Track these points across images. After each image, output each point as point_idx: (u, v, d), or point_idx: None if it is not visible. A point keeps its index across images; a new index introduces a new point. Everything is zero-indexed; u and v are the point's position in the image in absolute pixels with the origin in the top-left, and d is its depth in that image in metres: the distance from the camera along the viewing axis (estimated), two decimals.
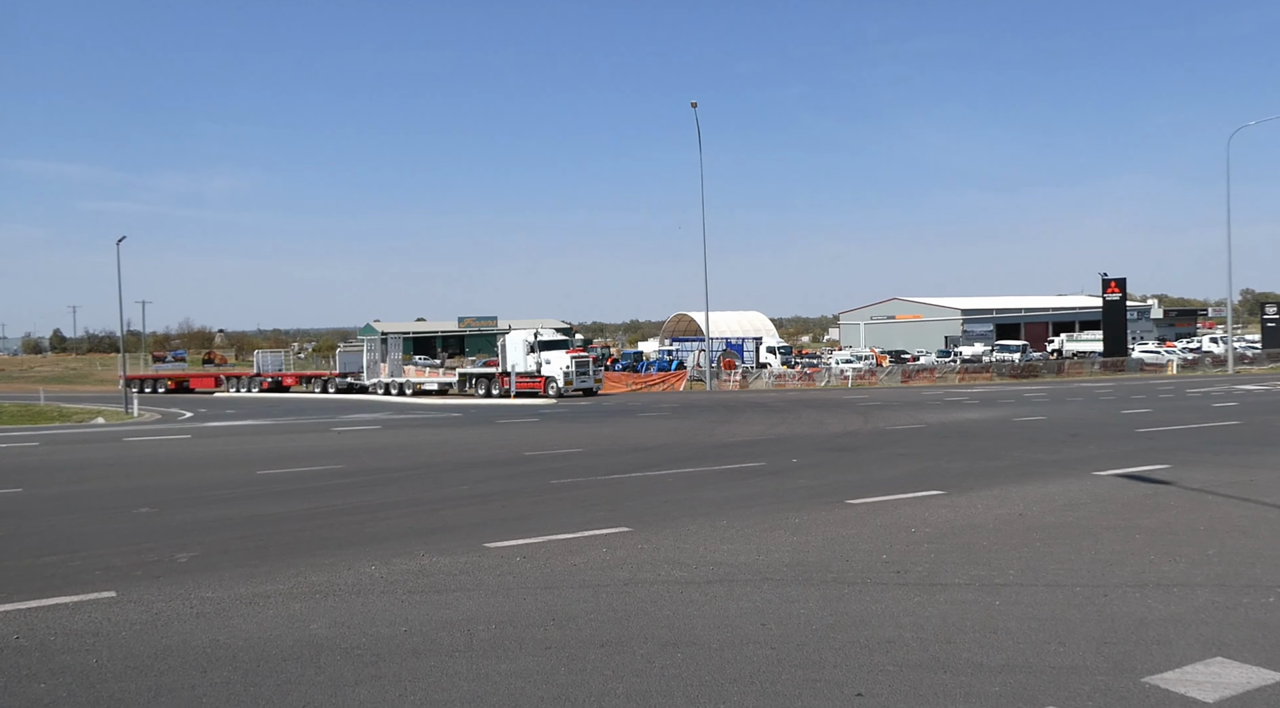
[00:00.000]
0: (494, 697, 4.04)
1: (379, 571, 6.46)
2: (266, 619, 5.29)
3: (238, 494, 10.75)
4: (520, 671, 4.37)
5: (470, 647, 4.73)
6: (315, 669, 4.43)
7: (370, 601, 5.67)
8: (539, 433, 19.65)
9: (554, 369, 38.23)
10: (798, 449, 14.46)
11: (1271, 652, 4.37)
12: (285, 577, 6.31)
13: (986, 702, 3.86)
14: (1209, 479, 9.94)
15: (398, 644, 4.79)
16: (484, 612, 5.37)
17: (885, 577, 6.01)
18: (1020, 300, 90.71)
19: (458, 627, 5.09)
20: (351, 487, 11.21)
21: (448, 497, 10.17)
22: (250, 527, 8.44)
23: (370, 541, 7.61)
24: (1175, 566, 6.14)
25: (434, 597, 5.74)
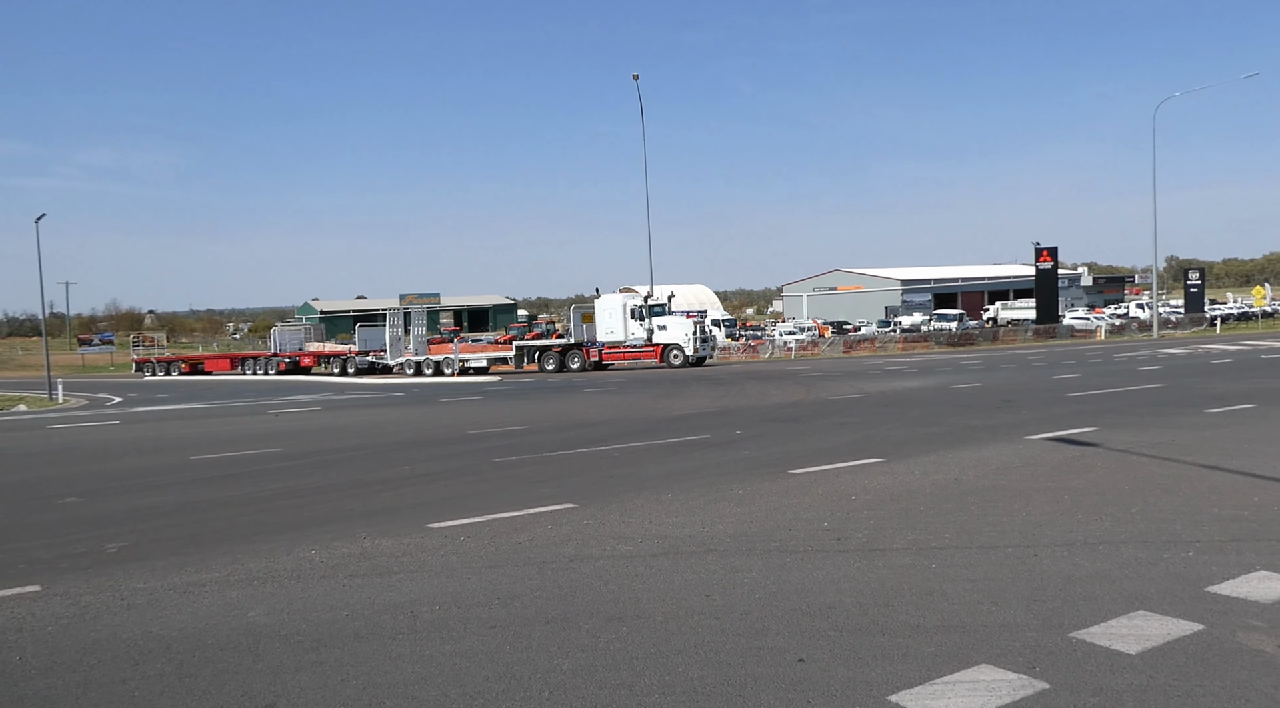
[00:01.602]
0: (438, 678, 4.01)
1: (319, 555, 6.36)
2: (202, 608, 5.17)
3: (170, 481, 10.46)
4: (465, 651, 4.35)
5: (414, 629, 4.69)
6: (254, 658, 4.34)
7: (310, 586, 5.58)
8: (483, 411, 19.50)
9: (674, 336, 35.04)
10: (742, 421, 14.60)
11: (1190, 604, 4.56)
12: (221, 564, 6.17)
13: (923, 662, 3.96)
14: (1133, 440, 10.31)
15: (339, 629, 4.73)
16: (428, 593, 5.32)
17: (827, 544, 6.11)
18: (957, 270, 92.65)
19: (401, 609, 5.04)
20: (290, 470, 11.00)
21: (390, 478, 10.04)
22: (183, 514, 8.23)
23: (310, 524, 7.48)
24: (1101, 524, 6.36)
25: (376, 580, 5.67)
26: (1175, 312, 60.99)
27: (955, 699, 3.56)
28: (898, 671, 3.88)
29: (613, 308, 35.99)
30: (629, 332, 35.39)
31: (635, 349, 35.45)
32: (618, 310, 35.76)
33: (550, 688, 3.87)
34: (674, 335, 35.35)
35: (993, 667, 3.87)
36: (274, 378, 42.88)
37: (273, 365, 46.65)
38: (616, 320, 35.52)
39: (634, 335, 35.63)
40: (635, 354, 35.46)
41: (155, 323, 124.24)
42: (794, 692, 3.72)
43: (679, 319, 36.71)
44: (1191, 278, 63.18)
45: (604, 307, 36.33)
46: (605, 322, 35.89)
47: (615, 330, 35.42)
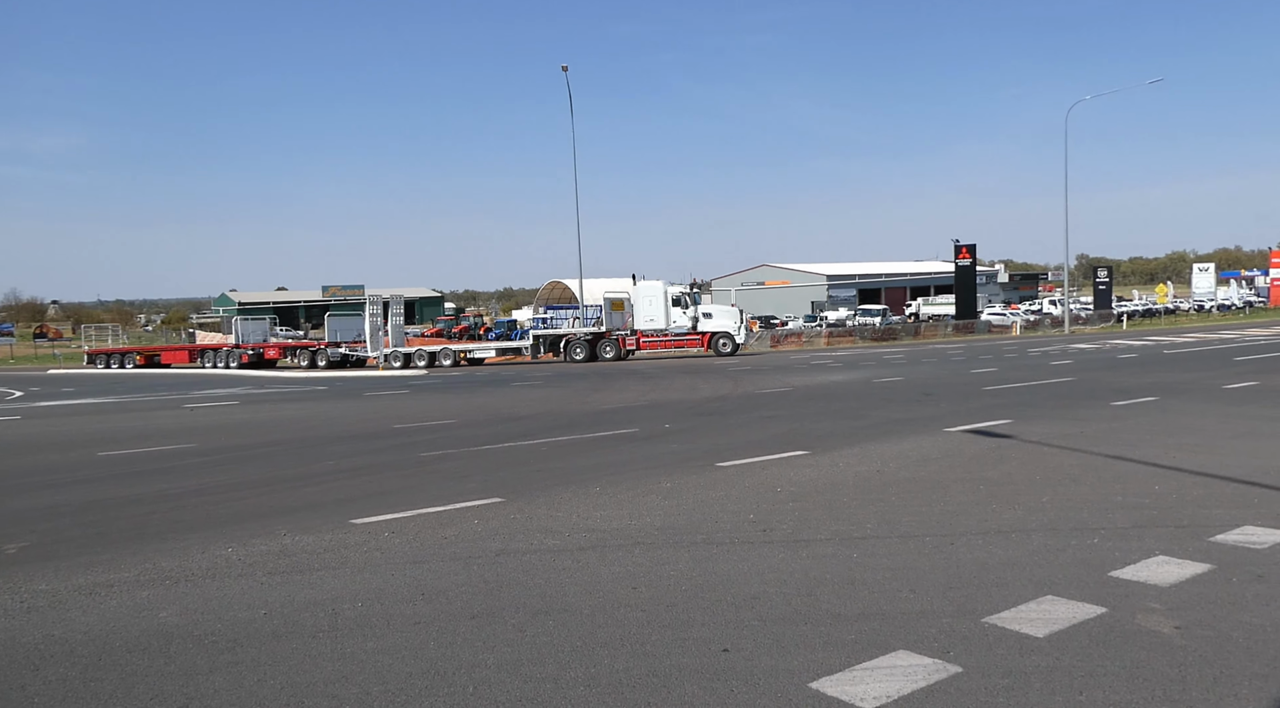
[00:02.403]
0: (360, 676, 3.94)
1: (236, 553, 6.17)
2: (109, 610, 4.97)
3: (76, 478, 10.02)
4: (387, 648, 4.27)
5: (335, 627, 4.59)
6: (165, 659, 4.19)
7: (226, 584, 5.41)
8: (409, 405, 19.19)
9: (722, 324, 34.10)
10: (670, 415, 14.69)
11: (1095, 588, 4.77)
12: (131, 564, 5.94)
13: (843, 649, 4.05)
14: (1045, 432, 10.72)
15: (256, 628, 4.60)
16: (350, 590, 5.22)
17: (752, 536, 6.19)
18: (881, 266, 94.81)
19: (321, 607, 4.92)
20: (206, 466, 10.64)
21: (311, 473, 9.80)
22: (90, 513, 7.89)
23: (226, 522, 7.25)
24: (1014, 513, 6.59)
25: (296, 577, 5.53)
26: (1085, 308, 63.57)
27: (873, 685, 3.65)
28: (819, 658, 3.96)
29: (653, 295, 35.06)
30: (670, 319, 34.57)
31: (678, 338, 34.77)
32: (659, 298, 34.86)
33: (475, 683, 3.83)
34: (721, 324, 34.86)
35: (909, 652, 3.98)
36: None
37: (235, 358, 43.43)
38: (657, 308, 34.65)
39: (676, 324, 34.86)
40: (678, 343, 34.83)
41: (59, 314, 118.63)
42: (718, 682, 3.76)
43: (724, 308, 35.81)
44: (1100, 276, 65.87)
45: (644, 294, 35.31)
46: (645, 309, 34.90)
47: (656, 318, 34.58)
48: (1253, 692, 3.51)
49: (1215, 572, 4.99)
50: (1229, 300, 78.46)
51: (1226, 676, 3.66)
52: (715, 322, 35.16)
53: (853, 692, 3.60)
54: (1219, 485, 7.32)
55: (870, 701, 3.52)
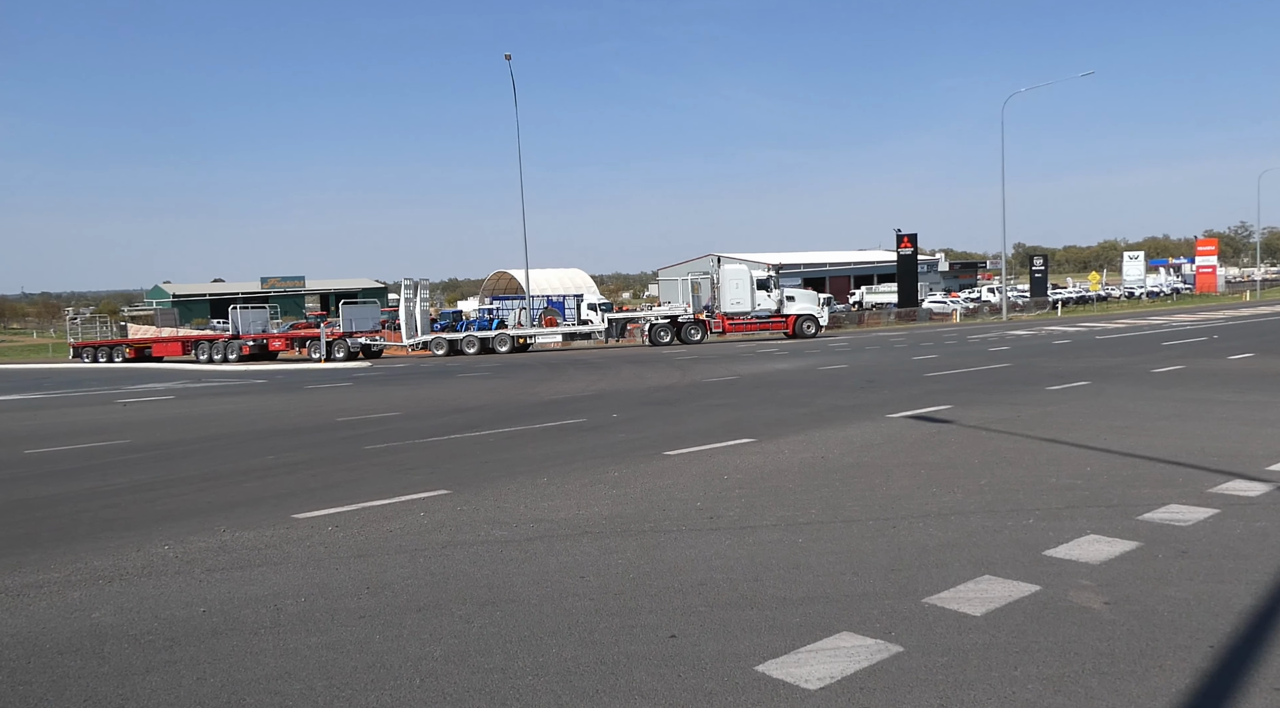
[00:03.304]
0: (303, 672, 3.88)
1: (173, 550, 6.02)
2: (39, 611, 4.81)
3: (1, 476, 9.66)
4: (332, 643, 4.22)
5: (277, 623, 4.52)
6: (99, 661, 4.08)
7: (164, 583, 5.28)
8: (352, 397, 18.89)
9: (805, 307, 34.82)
10: (618, 404, 14.71)
11: (1029, 567, 4.92)
12: (62, 564, 5.75)
13: (789, 632, 4.11)
14: (984, 417, 10.99)
15: (195, 626, 4.50)
16: (293, 585, 5.13)
17: (699, 523, 6.24)
18: (826, 256, 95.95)
19: (263, 603, 4.84)
20: (141, 462, 10.35)
21: (252, 468, 9.59)
22: (18, 512, 7.62)
23: (163, 519, 7.07)
24: (953, 496, 6.76)
25: (236, 574, 5.42)
26: (1022, 296, 65.22)
27: (817, 667, 3.72)
28: (765, 642, 4.02)
29: (739, 278, 35.57)
30: (755, 303, 35.02)
31: (763, 320, 35.35)
32: (745, 281, 35.39)
33: (421, 675, 3.80)
34: (805, 307, 35.61)
35: (853, 634, 4.06)
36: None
37: (234, 350, 40.46)
38: (743, 291, 35.12)
39: (760, 306, 35.34)
40: (763, 325, 35.38)
41: None
42: (665, 667, 3.79)
43: (805, 291, 36.53)
44: (1036, 264, 67.60)
45: (729, 277, 35.72)
46: (730, 292, 35.36)
47: (742, 301, 34.99)
48: (1176, 663, 3.66)
49: (1142, 549, 5.18)
50: (1158, 288, 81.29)
51: (1152, 648, 3.81)
52: (799, 305, 36.03)
53: (797, 674, 3.66)
54: (1146, 466, 7.59)
55: (815, 682, 3.58)
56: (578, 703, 3.50)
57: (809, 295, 36.99)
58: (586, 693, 3.58)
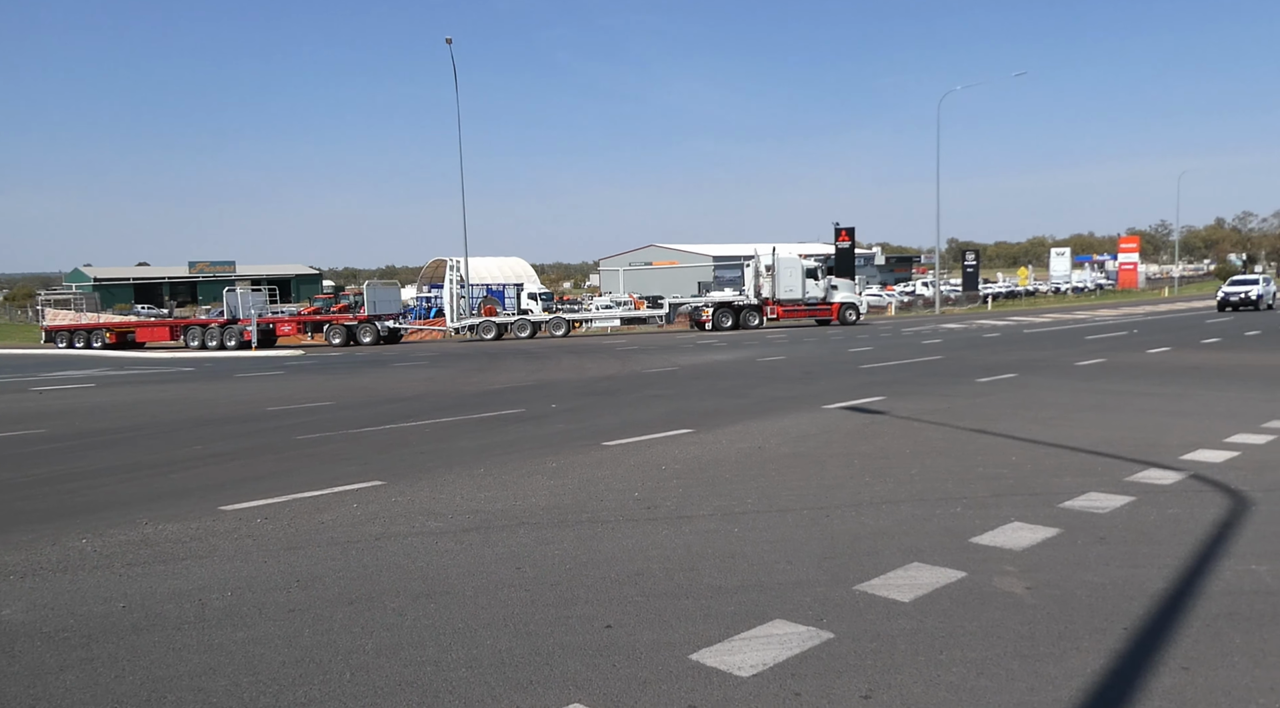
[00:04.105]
0: (228, 667, 3.78)
1: (91, 544, 5.81)
2: None
3: None
4: (259, 637, 4.12)
5: (202, 617, 4.39)
6: (8, 659, 3.92)
7: (80, 578, 5.09)
8: (284, 386, 18.46)
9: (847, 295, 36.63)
10: (557, 395, 14.65)
11: (956, 554, 5.05)
12: None
13: (723, 621, 4.15)
14: (916, 408, 11.24)
15: (114, 622, 4.35)
16: (218, 579, 5.00)
17: (637, 514, 6.26)
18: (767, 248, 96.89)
19: (187, 597, 4.70)
20: (58, 452, 9.96)
21: (177, 459, 9.31)
22: None
23: (81, 511, 6.81)
24: (885, 485, 6.90)
25: (159, 567, 5.25)
26: (955, 289, 66.81)
27: (750, 654, 3.76)
28: (699, 630, 4.05)
29: (793, 267, 37.20)
30: (805, 290, 36.75)
31: (811, 307, 37.17)
32: (797, 269, 37.04)
33: (352, 669, 3.74)
34: (847, 296, 37.46)
35: (785, 621, 4.11)
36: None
37: (233, 335, 37.01)
38: (795, 279, 36.77)
39: (809, 294, 37.06)
40: (810, 311, 37.27)
41: None
42: (600, 657, 3.80)
43: (846, 281, 38.20)
44: (968, 259, 69.32)
45: (784, 265, 37.25)
46: (785, 280, 36.96)
47: (794, 289, 36.63)
48: (1093, 644, 3.80)
49: (1063, 535, 5.36)
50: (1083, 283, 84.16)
51: (1070, 631, 3.94)
52: (841, 294, 37.95)
53: (731, 661, 3.70)
54: (1068, 456, 7.85)
55: (748, 669, 3.62)
56: (511, 695, 3.48)
57: (848, 284, 39.04)
58: (520, 684, 3.57)
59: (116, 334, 40.65)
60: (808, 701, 3.36)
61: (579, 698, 3.43)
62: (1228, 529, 5.42)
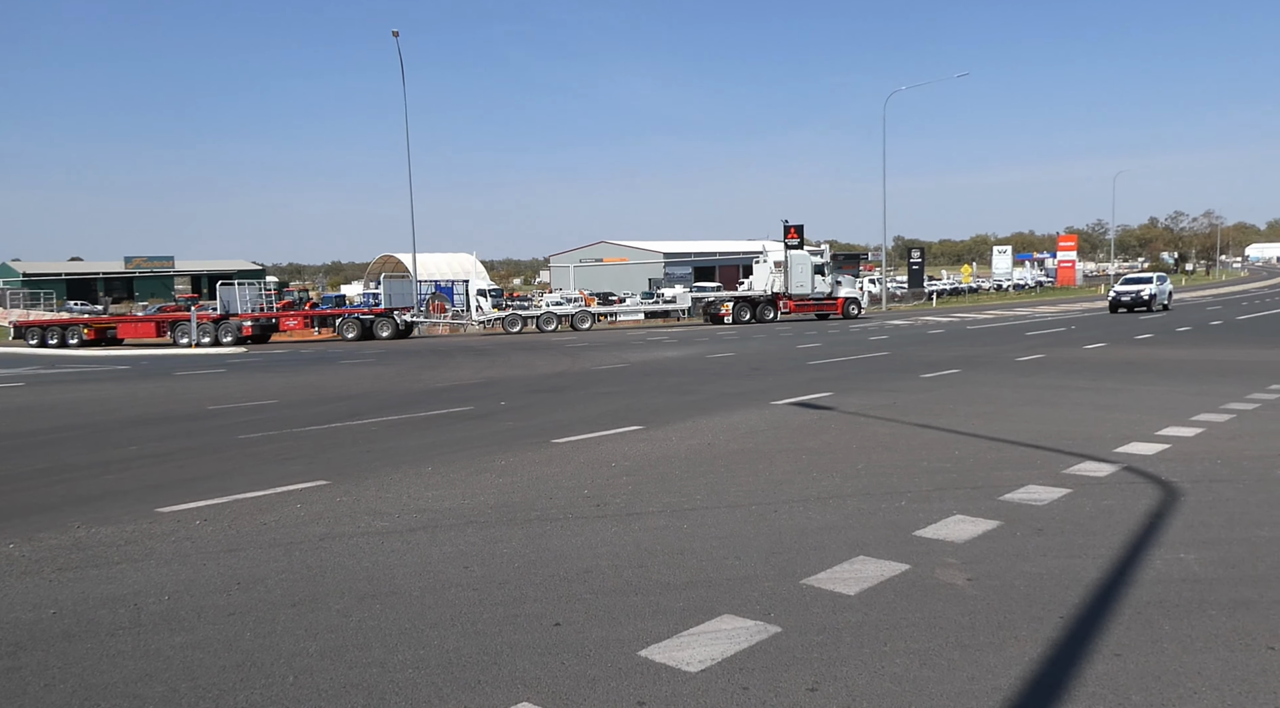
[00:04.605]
0: (166, 673, 3.69)
1: (19, 549, 5.61)
2: None
3: None
4: (198, 642, 4.02)
5: (137, 622, 4.27)
6: None
7: (7, 584, 4.91)
8: (226, 384, 18.04)
9: (851, 291, 38.51)
10: (507, 392, 14.56)
11: (900, 547, 5.14)
12: None
13: (671, 617, 4.17)
14: (863, 403, 11.41)
15: (44, 630, 4.21)
16: (155, 583, 4.86)
17: (586, 511, 6.25)
18: (716, 245, 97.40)
19: (122, 602, 4.57)
20: None
21: (112, 460, 9.03)
22: None
23: (9, 515, 6.57)
24: (832, 480, 6.99)
25: (92, 572, 5.10)
26: (901, 287, 67.95)
27: (698, 649, 3.78)
28: (648, 627, 4.06)
29: (804, 264, 39.15)
30: (814, 286, 38.78)
31: (818, 301, 39.14)
32: (808, 266, 39.01)
33: (295, 673, 3.67)
34: (850, 291, 40.12)
35: (734, 616, 4.15)
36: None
37: (229, 331, 34.92)
38: (806, 275, 38.82)
39: (817, 290, 39.08)
40: (819, 306, 39.23)
41: None
42: (549, 655, 3.78)
43: (848, 277, 41.08)
44: (914, 257, 70.51)
45: (796, 262, 39.38)
46: (798, 276, 39.02)
47: (805, 284, 38.74)
48: (1030, 633, 3.90)
49: (1003, 527, 5.50)
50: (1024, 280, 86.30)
51: (1009, 621, 4.04)
52: (845, 290, 40.19)
53: (679, 657, 3.71)
54: (1009, 449, 8.05)
55: (696, 664, 3.64)
56: (459, 694, 3.45)
57: (850, 280, 41.87)
58: (468, 684, 3.54)
59: (96, 330, 37.87)
60: (755, 694, 3.39)
61: (527, 697, 3.42)
62: (1158, 520, 5.61)
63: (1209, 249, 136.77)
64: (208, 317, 36.78)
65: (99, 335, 37.95)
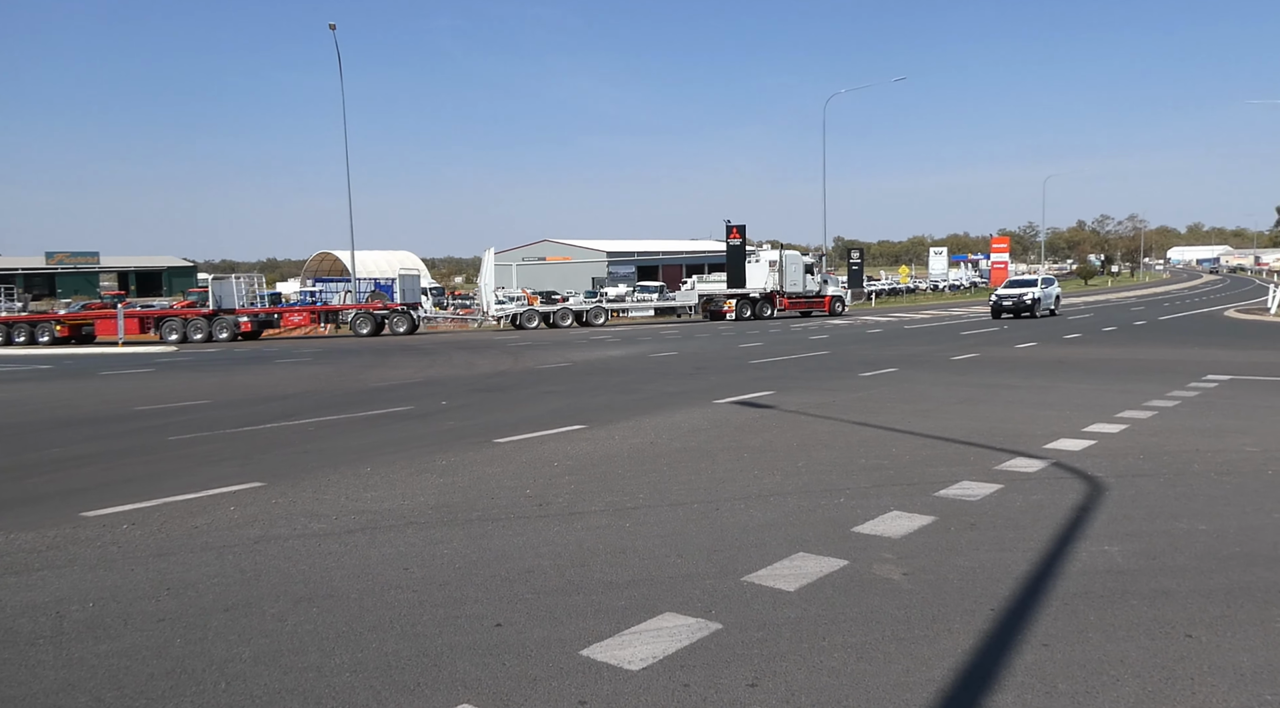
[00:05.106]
0: (90, 683, 3.57)
1: None
2: None
3: None
4: (125, 649, 3.90)
5: (60, 631, 4.12)
6: None
7: None
8: (156, 384, 17.50)
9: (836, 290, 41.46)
10: (448, 391, 14.40)
11: (839, 543, 5.23)
12: None
13: (613, 616, 4.18)
14: (803, 402, 11.56)
15: None
16: (79, 590, 4.70)
17: (528, 511, 6.22)
18: (659, 244, 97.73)
19: (43, 610, 4.40)
20: None
21: (31, 463, 8.70)
22: None
23: None
24: (773, 478, 7.07)
25: (10, 579, 4.90)
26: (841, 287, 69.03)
27: (640, 648, 3.80)
28: (590, 626, 4.06)
29: (797, 263, 42.13)
30: (805, 285, 41.43)
31: (809, 299, 41.81)
32: (799, 267, 41.94)
33: (228, 679, 3.59)
34: (836, 290, 43.34)
35: (675, 614, 4.17)
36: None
37: (225, 327, 33.68)
38: (799, 274, 41.58)
39: (808, 288, 41.62)
40: (810, 304, 41.97)
41: None
42: (490, 656, 3.76)
43: (832, 276, 43.93)
44: (854, 257, 71.68)
45: (791, 262, 42.13)
46: (792, 275, 41.71)
47: (798, 283, 41.51)
48: (962, 625, 4.00)
49: (937, 523, 5.63)
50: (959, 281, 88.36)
51: (943, 614, 4.14)
52: (832, 289, 43.25)
53: (621, 656, 3.72)
54: (944, 446, 8.24)
55: (638, 663, 3.65)
56: (398, 697, 3.41)
57: (836, 280, 45.40)
58: (407, 687, 3.49)
59: (69, 327, 35.42)
60: (696, 691, 3.41)
61: (468, 698, 3.39)
62: (1084, 513, 5.80)
63: (1133, 251, 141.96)
64: (198, 312, 35.38)
65: (73, 333, 35.45)
